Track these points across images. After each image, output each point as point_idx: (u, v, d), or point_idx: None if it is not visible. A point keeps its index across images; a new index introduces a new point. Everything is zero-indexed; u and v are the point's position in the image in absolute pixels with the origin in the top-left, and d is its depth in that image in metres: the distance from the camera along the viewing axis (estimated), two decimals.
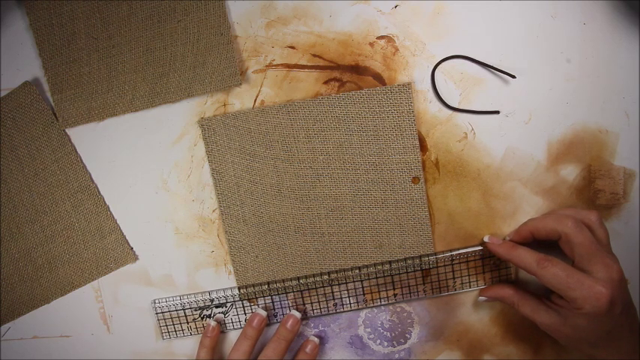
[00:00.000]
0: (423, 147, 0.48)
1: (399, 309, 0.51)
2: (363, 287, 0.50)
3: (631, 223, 0.50)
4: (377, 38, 0.48)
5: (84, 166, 0.49)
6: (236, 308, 0.50)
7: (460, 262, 0.49)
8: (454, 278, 0.50)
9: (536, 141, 0.48)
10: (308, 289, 0.50)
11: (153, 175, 0.49)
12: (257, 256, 0.49)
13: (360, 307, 0.50)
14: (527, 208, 0.49)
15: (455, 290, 0.50)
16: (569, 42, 0.48)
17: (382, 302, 0.50)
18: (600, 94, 0.48)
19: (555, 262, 0.42)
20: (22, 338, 0.51)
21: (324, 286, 0.50)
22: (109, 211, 0.50)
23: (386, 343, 0.51)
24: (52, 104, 0.48)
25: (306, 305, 0.50)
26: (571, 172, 0.49)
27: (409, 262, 0.49)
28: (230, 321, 0.51)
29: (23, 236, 0.50)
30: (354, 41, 0.48)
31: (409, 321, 0.51)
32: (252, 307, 0.50)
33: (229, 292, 0.50)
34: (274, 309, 0.50)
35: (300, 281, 0.49)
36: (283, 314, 0.50)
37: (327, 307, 0.50)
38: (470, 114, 0.48)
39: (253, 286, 0.50)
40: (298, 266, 0.49)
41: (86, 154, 0.49)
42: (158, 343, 0.51)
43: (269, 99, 0.48)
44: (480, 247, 0.49)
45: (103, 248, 0.50)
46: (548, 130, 0.48)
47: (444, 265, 0.49)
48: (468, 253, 0.49)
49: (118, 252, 0.50)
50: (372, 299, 0.50)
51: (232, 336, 0.51)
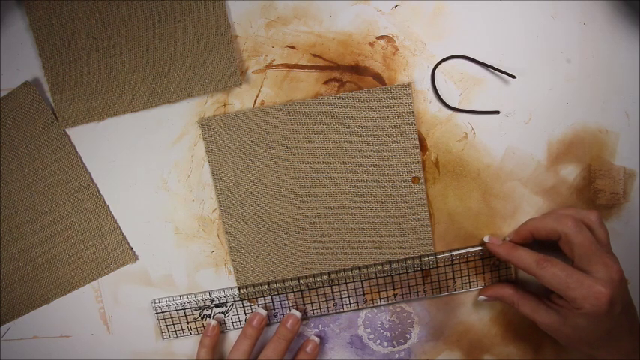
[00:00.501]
0: (423, 147, 0.48)
1: (399, 309, 0.51)
2: (363, 287, 0.50)
3: (631, 223, 0.50)
4: (377, 38, 0.48)
5: (84, 166, 0.49)
6: (236, 308, 0.50)
7: (460, 262, 0.49)
8: (454, 278, 0.50)
9: (536, 141, 0.48)
10: (308, 289, 0.50)
11: (153, 175, 0.49)
12: (257, 256, 0.49)
13: (360, 307, 0.50)
14: (527, 208, 0.49)
15: (455, 290, 0.50)
16: (569, 42, 0.48)
17: (382, 302, 0.50)
18: (600, 94, 0.48)
19: (555, 262, 0.42)
20: (22, 338, 0.51)
21: (324, 286, 0.50)
22: (109, 211, 0.50)
23: (386, 343, 0.51)
24: (52, 104, 0.48)
25: (306, 305, 0.50)
26: (571, 172, 0.49)
27: (409, 262, 0.49)
28: (230, 321, 0.51)
29: (23, 236, 0.50)
30: (354, 41, 0.48)
31: (409, 321, 0.51)
32: (252, 306, 0.50)
33: (229, 292, 0.50)
34: (274, 309, 0.50)
35: (300, 281, 0.49)
36: (283, 314, 0.50)
37: (327, 307, 0.50)
38: (470, 114, 0.48)
39: (253, 286, 0.50)
40: (298, 266, 0.49)
41: (86, 154, 0.49)
42: (158, 343, 0.51)
43: (269, 99, 0.48)
44: (480, 247, 0.49)
45: (103, 248, 0.50)
46: (548, 130, 0.48)
47: (444, 265, 0.49)
48: (468, 253, 0.49)
49: (118, 252, 0.50)
50: (372, 299, 0.50)
51: (232, 336, 0.51)
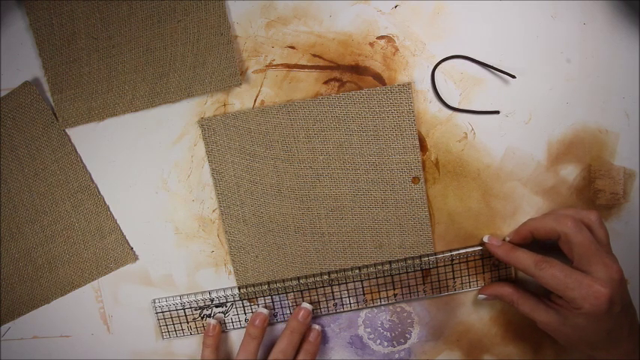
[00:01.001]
0: (423, 147, 0.48)
1: (399, 309, 0.51)
2: (363, 287, 0.50)
3: (631, 223, 0.50)
4: (377, 38, 0.48)
5: (84, 166, 0.49)
6: (236, 308, 0.50)
7: (460, 262, 0.49)
8: (454, 278, 0.50)
9: (536, 141, 0.48)
10: (308, 289, 0.50)
11: (153, 175, 0.49)
12: (257, 256, 0.49)
13: (360, 307, 0.50)
14: (527, 208, 0.49)
15: (455, 290, 0.50)
16: (569, 42, 0.48)
17: (382, 302, 0.50)
18: (600, 94, 0.48)
19: (553, 263, 0.42)
20: (22, 338, 0.51)
21: (324, 286, 0.50)
22: (109, 211, 0.50)
23: (386, 343, 0.51)
24: (52, 104, 0.48)
25: None
26: (571, 172, 0.49)
27: (409, 262, 0.49)
28: (230, 321, 0.51)
29: (23, 236, 0.50)
30: (354, 41, 0.48)
31: (409, 321, 0.51)
32: (252, 306, 0.50)
33: (229, 292, 0.50)
34: (274, 309, 0.50)
35: (300, 281, 0.49)
36: (283, 314, 0.50)
37: (327, 307, 0.50)
38: (470, 114, 0.48)
39: (253, 286, 0.50)
40: (298, 266, 0.49)
41: (86, 154, 0.49)
42: (158, 343, 0.51)
43: (269, 99, 0.48)
44: (480, 247, 0.49)
45: (103, 248, 0.50)
46: (548, 130, 0.48)
47: (444, 265, 0.49)
48: (468, 253, 0.49)
49: (118, 252, 0.50)
50: (372, 299, 0.50)
51: (234, 335, 0.51)
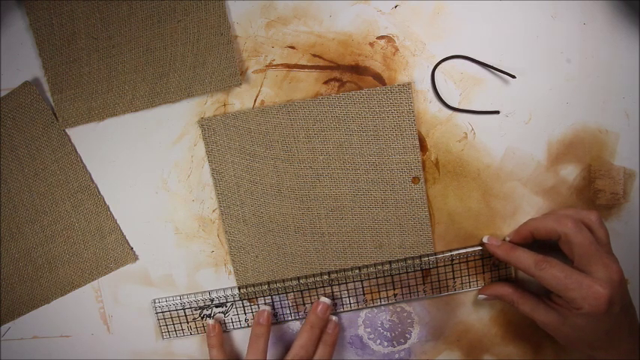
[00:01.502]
0: (423, 147, 0.48)
1: (399, 309, 0.51)
2: (363, 287, 0.50)
3: (631, 223, 0.50)
4: (377, 38, 0.48)
5: (84, 166, 0.49)
6: (236, 308, 0.50)
7: (460, 262, 0.49)
8: (454, 278, 0.50)
9: (536, 141, 0.48)
10: (308, 289, 0.50)
11: (153, 175, 0.49)
12: (257, 256, 0.49)
13: (360, 307, 0.50)
14: (527, 208, 0.49)
15: (455, 290, 0.50)
16: (569, 42, 0.48)
17: (382, 302, 0.50)
18: (600, 94, 0.48)
19: (553, 263, 0.42)
20: (22, 338, 0.51)
21: (324, 286, 0.50)
22: (109, 211, 0.50)
23: (386, 343, 0.51)
24: (52, 104, 0.48)
25: (306, 305, 0.50)
26: (571, 172, 0.49)
27: (409, 262, 0.49)
28: (230, 321, 0.51)
29: (23, 236, 0.50)
30: (354, 41, 0.48)
31: (409, 321, 0.51)
32: (252, 306, 0.50)
33: (229, 292, 0.50)
34: (274, 309, 0.50)
35: (300, 281, 0.49)
36: (283, 314, 0.50)
37: None
38: (470, 114, 0.48)
39: (253, 286, 0.50)
40: (298, 266, 0.49)
41: (86, 154, 0.49)
42: (158, 343, 0.51)
43: (269, 99, 0.48)
44: (480, 247, 0.49)
45: (103, 248, 0.50)
46: (548, 130, 0.48)
47: (444, 265, 0.49)
48: (468, 253, 0.49)
49: (118, 252, 0.50)
50: (372, 299, 0.50)
51: (236, 335, 0.51)
